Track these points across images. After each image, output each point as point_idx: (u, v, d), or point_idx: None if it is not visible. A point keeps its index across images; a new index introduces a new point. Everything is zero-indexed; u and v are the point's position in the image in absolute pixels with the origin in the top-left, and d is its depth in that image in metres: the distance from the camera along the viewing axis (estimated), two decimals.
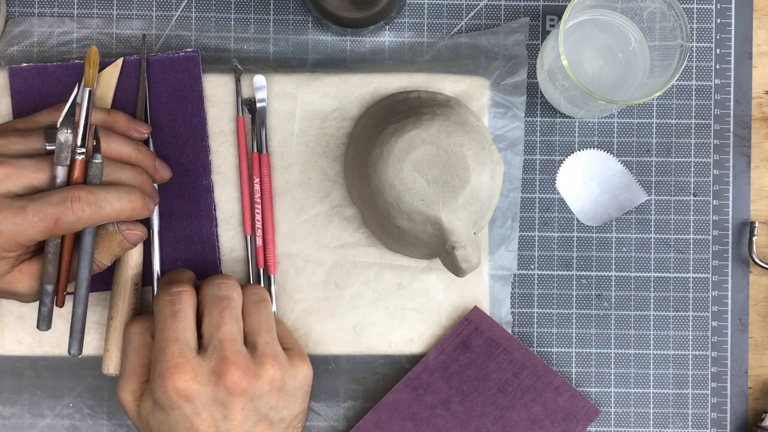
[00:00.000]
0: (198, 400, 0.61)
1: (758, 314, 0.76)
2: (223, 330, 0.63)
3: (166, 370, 0.61)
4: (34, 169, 0.61)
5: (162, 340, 0.62)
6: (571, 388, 0.73)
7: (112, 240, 0.65)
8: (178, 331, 0.62)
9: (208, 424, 0.61)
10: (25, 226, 0.59)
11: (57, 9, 0.75)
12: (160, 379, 0.61)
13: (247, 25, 0.75)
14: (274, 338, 0.65)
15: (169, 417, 0.61)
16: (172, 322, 0.63)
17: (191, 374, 0.61)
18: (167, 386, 0.61)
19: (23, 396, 0.73)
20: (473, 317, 0.73)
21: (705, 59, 0.76)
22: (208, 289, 0.65)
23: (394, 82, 0.74)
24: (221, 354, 0.62)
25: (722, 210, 0.76)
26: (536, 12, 0.76)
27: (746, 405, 0.75)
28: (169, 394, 0.61)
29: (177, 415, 0.61)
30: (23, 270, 0.63)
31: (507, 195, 0.74)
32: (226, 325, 0.63)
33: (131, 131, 0.69)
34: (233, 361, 0.62)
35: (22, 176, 0.60)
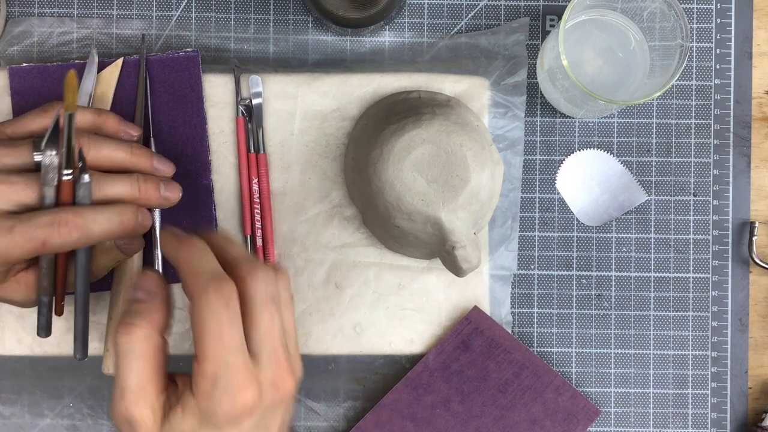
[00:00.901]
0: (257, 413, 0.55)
1: (758, 314, 0.76)
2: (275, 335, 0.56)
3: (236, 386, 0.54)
4: (24, 186, 0.59)
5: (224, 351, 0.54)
6: (571, 388, 0.73)
7: (108, 254, 0.64)
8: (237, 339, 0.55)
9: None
10: (12, 247, 0.58)
11: (57, 9, 0.75)
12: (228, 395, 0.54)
13: (247, 25, 0.75)
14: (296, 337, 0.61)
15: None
16: (230, 328, 0.54)
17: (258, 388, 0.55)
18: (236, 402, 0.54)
19: (23, 396, 0.73)
20: (473, 317, 0.73)
21: (705, 59, 0.76)
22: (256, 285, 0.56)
23: (394, 82, 0.74)
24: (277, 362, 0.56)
25: (722, 210, 0.76)
26: (536, 12, 0.76)
27: (746, 405, 0.75)
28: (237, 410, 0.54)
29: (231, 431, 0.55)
30: (19, 280, 0.62)
31: (507, 195, 0.74)
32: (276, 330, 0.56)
33: (121, 133, 0.67)
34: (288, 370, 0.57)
35: (13, 193, 0.59)
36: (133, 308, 0.57)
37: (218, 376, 0.54)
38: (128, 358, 0.56)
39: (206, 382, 0.54)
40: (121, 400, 0.55)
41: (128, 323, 0.56)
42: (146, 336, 0.56)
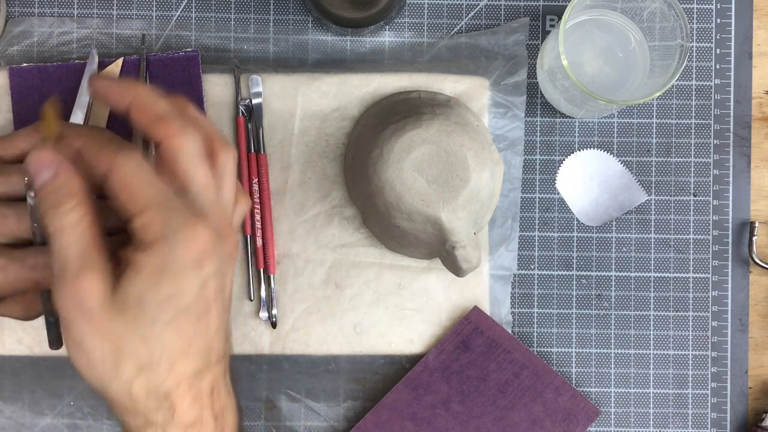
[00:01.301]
0: (215, 258, 0.52)
1: (758, 314, 0.76)
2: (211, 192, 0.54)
3: (188, 221, 0.51)
4: (16, 219, 0.56)
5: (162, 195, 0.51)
6: (571, 389, 0.73)
7: None
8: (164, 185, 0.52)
9: (214, 292, 0.53)
10: (4, 284, 0.56)
11: (57, 9, 0.75)
12: (184, 232, 0.50)
13: (247, 25, 0.75)
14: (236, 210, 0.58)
15: (182, 284, 0.51)
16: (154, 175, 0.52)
17: (209, 227, 0.52)
18: (195, 237, 0.50)
19: (24, 395, 0.73)
20: (473, 317, 0.73)
21: (705, 59, 0.76)
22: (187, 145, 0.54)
23: (394, 82, 0.74)
24: (220, 212, 0.54)
25: (722, 210, 0.76)
26: (536, 12, 0.76)
27: (746, 405, 0.75)
28: (196, 247, 0.51)
29: (192, 278, 0.51)
30: (17, 299, 0.59)
31: (507, 195, 0.74)
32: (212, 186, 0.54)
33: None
34: (230, 223, 0.55)
35: (4, 227, 0.56)
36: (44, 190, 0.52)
37: (166, 219, 0.51)
38: (62, 233, 0.51)
39: (155, 228, 0.50)
40: (62, 279, 0.51)
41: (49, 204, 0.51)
42: (73, 205, 0.51)
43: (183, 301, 0.51)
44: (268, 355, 0.74)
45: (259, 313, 0.73)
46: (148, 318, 0.51)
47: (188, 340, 0.52)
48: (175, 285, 0.51)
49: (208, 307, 0.53)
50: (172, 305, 0.51)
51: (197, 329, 0.53)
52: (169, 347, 0.52)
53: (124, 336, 0.51)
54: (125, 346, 0.51)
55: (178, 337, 0.52)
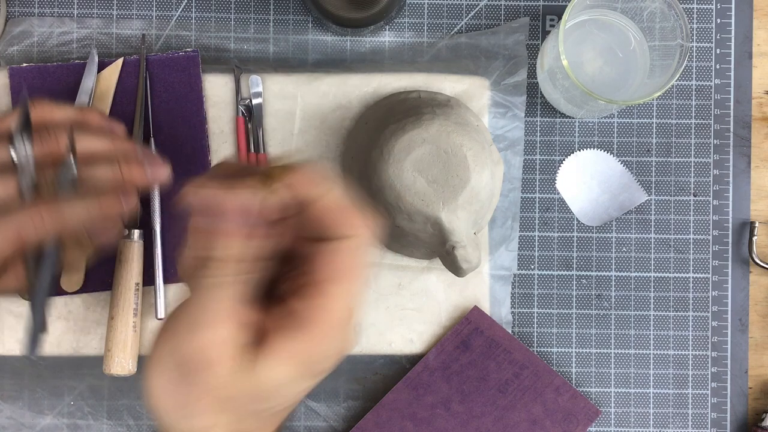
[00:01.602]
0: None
1: (758, 314, 0.76)
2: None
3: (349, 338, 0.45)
4: (1, 182, 0.57)
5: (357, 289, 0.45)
6: (571, 389, 0.73)
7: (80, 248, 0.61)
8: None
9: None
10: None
11: (57, 9, 0.75)
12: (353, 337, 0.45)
13: (247, 25, 0.75)
14: None
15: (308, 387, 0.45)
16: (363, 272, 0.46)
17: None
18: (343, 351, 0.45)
19: (24, 395, 0.73)
20: (473, 317, 0.73)
21: (705, 59, 0.76)
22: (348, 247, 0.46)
23: (394, 82, 0.74)
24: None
25: (722, 210, 0.76)
26: (536, 12, 0.76)
27: (746, 405, 0.75)
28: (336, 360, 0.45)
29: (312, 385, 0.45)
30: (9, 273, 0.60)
31: (507, 195, 0.74)
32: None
33: (104, 129, 0.64)
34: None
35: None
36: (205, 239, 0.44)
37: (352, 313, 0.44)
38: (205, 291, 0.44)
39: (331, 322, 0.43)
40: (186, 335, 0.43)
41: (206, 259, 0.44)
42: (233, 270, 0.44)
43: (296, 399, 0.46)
44: None
45: None
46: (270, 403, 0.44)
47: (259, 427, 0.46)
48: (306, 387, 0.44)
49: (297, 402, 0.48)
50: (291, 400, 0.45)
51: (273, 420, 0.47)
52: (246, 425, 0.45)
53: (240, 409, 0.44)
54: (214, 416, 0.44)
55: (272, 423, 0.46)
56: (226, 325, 0.43)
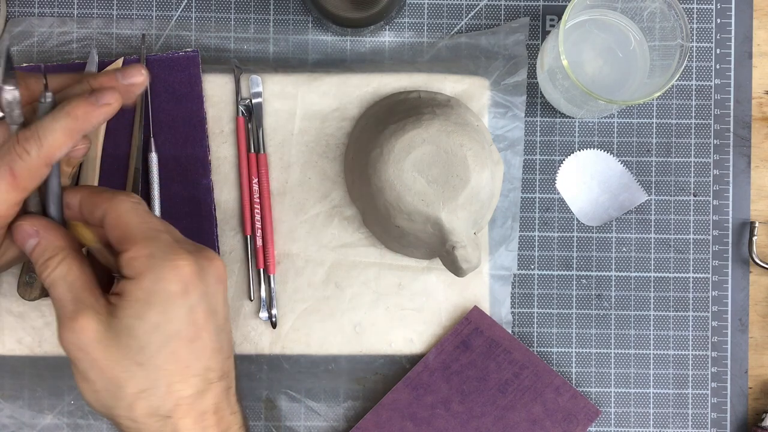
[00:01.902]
0: (199, 284, 0.56)
1: (758, 314, 0.76)
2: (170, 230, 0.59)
3: (172, 254, 0.55)
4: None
5: (149, 230, 0.56)
6: (571, 389, 0.73)
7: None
8: (157, 222, 0.57)
9: (204, 317, 0.56)
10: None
11: (57, 9, 0.75)
12: (168, 263, 0.55)
13: (247, 25, 0.75)
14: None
15: (168, 312, 0.55)
16: (153, 218, 0.57)
17: (191, 258, 0.56)
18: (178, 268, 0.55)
19: (24, 394, 0.73)
20: (473, 317, 0.73)
21: (705, 59, 0.76)
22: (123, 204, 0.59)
23: (394, 82, 0.74)
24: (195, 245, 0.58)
25: (722, 210, 0.76)
26: (536, 12, 0.76)
27: (746, 405, 0.75)
28: (179, 277, 0.55)
29: (178, 306, 0.55)
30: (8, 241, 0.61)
31: (507, 195, 0.74)
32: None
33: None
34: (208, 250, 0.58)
35: None
36: (35, 255, 0.57)
37: (153, 250, 0.55)
38: (55, 285, 0.57)
39: (141, 260, 0.55)
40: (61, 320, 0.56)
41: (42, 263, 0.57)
42: (61, 259, 0.57)
43: (171, 327, 0.55)
44: (268, 355, 0.74)
45: (259, 313, 0.73)
46: (139, 345, 0.55)
47: (183, 363, 0.56)
48: (161, 313, 0.55)
49: (199, 330, 0.56)
50: (161, 332, 0.55)
51: (191, 352, 0.56)
52: (165, 370, 0.55)
53: (121, 363, 0.55)
54: (123, 373, 0.55)
55: (173, 361, 0.55)
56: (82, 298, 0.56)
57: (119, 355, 0.55)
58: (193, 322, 0.56)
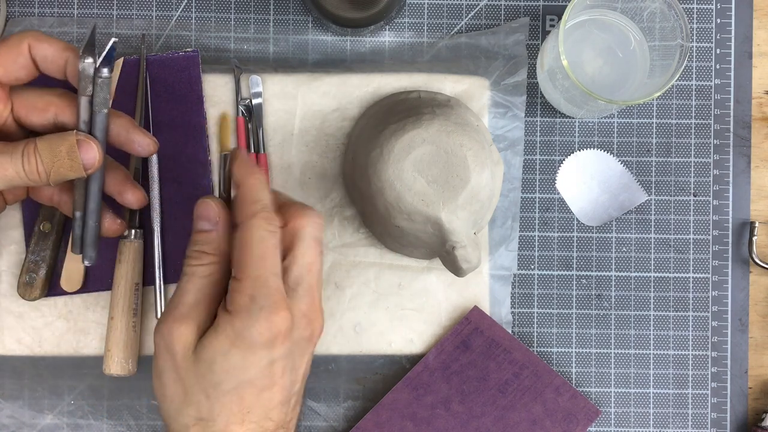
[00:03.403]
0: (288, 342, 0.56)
1: (758, 314, 0.76)
2: (315, 274, 0.58)
3: (273, 305, 0.55)
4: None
5: (265, 271, 0.55)
6: (571, 389, 0.73)
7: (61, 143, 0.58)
8: (278, 265, 0.56)
9: (282, 371, 0.57)
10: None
11: (57, 9, 0.75)
12: (264, 313, 0.54)
13: (247, 25, 0.75)
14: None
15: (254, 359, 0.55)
16: (274, 254, 0.56)
17: (291, 316, 0.56)
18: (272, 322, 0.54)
19: (24, 394, 0.73)
20: (473, 317, 0.73)
21: (705, 59, 0.76)
22: (309, 227, 0.58)
23: (394, 82, 0.74)
24: (311, 299, 0.57)
25: (722, 210, 0.76)
26: (536, 12, 0.76)
27: (746, 405, 0.75)
28: (272, 331, 0.55)
29: (264, 357, 0.55)
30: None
31: (507, 195, 0.74)
32: (316, 270, 0.58)
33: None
34: (320, 308, 0.58)
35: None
36: (200, 238, 0.58)
37: (257, 293, 0.55)
38: (191, 278, 0.57)
39: (244, 299, 0.55)
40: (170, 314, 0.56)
41: (198, 250, 0.58)
42: (213, 262, 0.57)
43: (247, 374, 0.55)
44: None
45: None
46: (215, 379, 0.55)
47: (246, 407, 0.56)
48: (243, 358, 0.55)
49: (273, 383, 0.56)
50: (236, 375, 0.55)
51: (257, 400, 0.56)
52: (227, 410, 0.56)
53: (193, 387, 0.56)
54: (192, 396, 0.56)
55: (237, 403, 0.56)
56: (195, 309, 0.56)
57: (194, 378, 0.56)
58: (269, 375, 0.56)
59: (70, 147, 0.57)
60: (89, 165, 0.58)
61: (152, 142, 0.63)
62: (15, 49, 0.58)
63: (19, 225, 0.72)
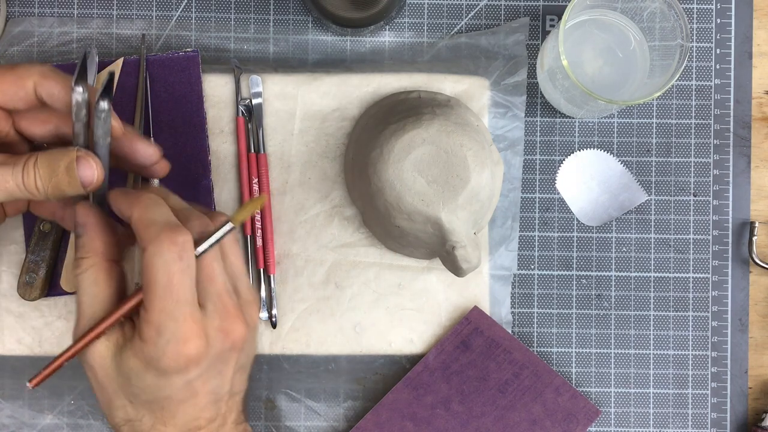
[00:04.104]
0: (204, 362, 0.56)
1: (758, 314, 0.76)
2: (218, 282, 0.56)
3: (181, 337, 0.54)
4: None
5: (171, 302, 0.54)
6: (571, 389, 0.73)
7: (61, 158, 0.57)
8: (188, 291, 0.54)
9: (203, 383, 0.57)
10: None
11: (57, 9, 0.75)
12: (172, 346, 0.54)
13: (247, 25, 0.75)
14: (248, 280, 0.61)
15: (168, 382, 0.56)
16: (181, 280, 0.54)
17: (204, 338, 0.55)
18: (180, 353, 0.54)
19: (24, 394, 0.73)
20: (473, 317, 0.73)
21: (705, 59, 0.76)
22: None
23: (394, 82, 0.74)
24: (224, 309, 0.56)
25: (722, 210, 0.76)
26: (536, 12, 0.76)
27: (746, 405, 0.75)
28: (181, 361, 0.55)
29: (178, 380, 0.56)
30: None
31: (507, 195, 0.74)
32: (219, 276, 0.56)
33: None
34: (235, 315, 0.57)
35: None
36: (77, 244, 0.58)
37: (163, 327, 0.54)
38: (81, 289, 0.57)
39: (151, 331, 0.55)
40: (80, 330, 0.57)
41: (77, 258, 0.58)
42: (93, 263, 0.57)
43: (164, 392, 0.56)
44: (268, 355, 0.74)
45: (259, 313, 0.73)
46: (134, 391, 0.57)
47: (170, 413, 0.58)
48: (156, 381, 0.56)
49: (194, 394, 0.57)
50: (153, 392, 0.57)
51: (180, 408, 0.58)
52: (150, 414, 0.58)
53: (117, 393, 0.58)
54: (116, 401, 0.58)
55: (159, 410, 0.57)
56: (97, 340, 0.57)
57: (116, 387, 0.57)
58: (189, 389, 0.57)
59: (69, 163, 0.56)
60: (87, 182, 0.56)
61: (156, 151, 0.62)
62: (20, 82, 0.58)
63: (19, 225, 0.72)
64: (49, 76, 0.58)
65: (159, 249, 0.54)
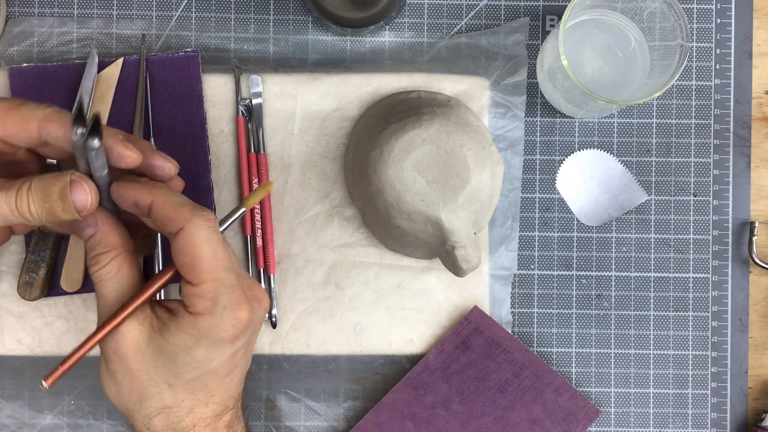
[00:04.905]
0: (249, 329, 0.58)
1: (758, 314, 0.76)
2: (235, 258, 0.59)
3: (234, 303, 0.56)
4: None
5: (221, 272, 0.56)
6: (571, 389, 0.73)
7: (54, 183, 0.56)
8: (229, 260, 0.57)
9: (242, 355, 0.60)
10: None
11: (57, 9, 0.75)
12: (228, 312, 0.56)
13: (247, 25, 0.75)
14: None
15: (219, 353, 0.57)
16: (225, 251, 0.57)
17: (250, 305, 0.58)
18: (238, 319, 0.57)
19: (24, 394, 0.74)
20: (473, 317, 0.73)
21: (705, 59, 0.76)
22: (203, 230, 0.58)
23: (394, 82, 0.74)
24: (249, 280, 0.60)
25: (722, 210, 0.76)
26: (536, 12, 0.76)
27: (746, 405, 0.75)
28: (238, 327, 0.57)
29: (228, 350, 0.58)
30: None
31: (507, 195, 0.74)
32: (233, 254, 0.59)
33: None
34: (258, 286, 0.60)
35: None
36: (89, 244, 0.58)
37: (218, 295, 0.56)
38: (102, 283, 0.58)
39: (206, 302, 0.56)
40: (104, 320, 0.57)
41: (93, 255, 0.58)
42: (114, 255, 0.58)
43: (211, 365, 0.58)
44: (268, 354, 0.74)
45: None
46: (176, 371, 0.58)
47: (210, 392, 0.59)
48: (208, 353, 0.57)
49: (234, 367, 0.60)
50: (200, 368, 0.58)
51: (221, 385, 0.60)
52: (191, 395, 0.59)
53: (153, 379, 0.58)
54: (152, 387, 0.58)
55: (201, 389, 0.59)
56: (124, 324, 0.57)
57: (153, 372, 0.58)
58: (231, 362, 0.59)
59: (63, 188, 0.55)
60: (81, 207, 0.55)
61: (173, 165, 0.61)
62: (23, 124, 0.57)
63: None
64: (53, 119, 0.57)
65: (198, 225, 0.56)
